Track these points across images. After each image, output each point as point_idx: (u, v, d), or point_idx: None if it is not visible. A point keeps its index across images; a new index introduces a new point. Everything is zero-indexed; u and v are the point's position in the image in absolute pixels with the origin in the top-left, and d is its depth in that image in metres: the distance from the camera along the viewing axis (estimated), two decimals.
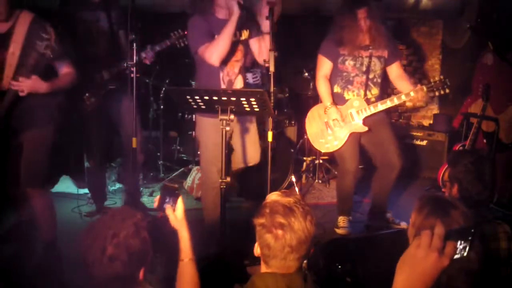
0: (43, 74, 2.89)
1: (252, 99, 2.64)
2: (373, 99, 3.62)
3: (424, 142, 5.39)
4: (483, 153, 2.90)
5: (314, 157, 5.18)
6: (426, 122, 6.16)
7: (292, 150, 4.81)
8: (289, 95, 5.08)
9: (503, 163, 4.46)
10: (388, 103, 3.51)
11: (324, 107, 3.66)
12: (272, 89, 3.14)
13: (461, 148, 4.47)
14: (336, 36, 3.52)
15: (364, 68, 3.56)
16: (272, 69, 3.16)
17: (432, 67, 6.29)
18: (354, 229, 3.86)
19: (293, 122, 5.14)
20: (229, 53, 3.13)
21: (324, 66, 3.62)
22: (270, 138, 3.12)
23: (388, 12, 5.84)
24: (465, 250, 1.06)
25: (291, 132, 5.23)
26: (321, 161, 5.16)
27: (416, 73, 6.26)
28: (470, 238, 1.06)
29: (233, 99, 2.64)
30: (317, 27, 5.81)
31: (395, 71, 3.65)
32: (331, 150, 3.73)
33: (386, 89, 4.75)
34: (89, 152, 4.03)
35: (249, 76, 4.76)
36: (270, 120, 3.11)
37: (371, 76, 3.57)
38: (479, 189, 2.17)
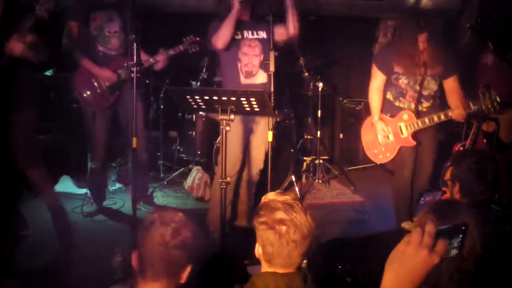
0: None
1: (252, 99, 2.64)
2: (424, 110, 3.59)
3: None
4: (487, 154, 2.89)
5: (314, 157, 5.18)
6: None
7: (292, 150, 4.81)
8: (289, 95, 5.08)
9: (503, 163, 4.45)
10: (435, 119, 3.48)
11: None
12: (272, 89, 3.16)
13: (461, 148, 4.46)
14: (393, 54, 3.51)
15: (417, 87, 3.53)
16: (272, 69, 3.17)
17: None
18: (354, 229, 3.86)
19: (293, 122, 5.14)
20: (246, 47, 3.53)
21: (378, 78, 3.62)
22: (270, 138, 3.13)
23: (388, 12, 5.85)
24: (457, 248, 1.06)
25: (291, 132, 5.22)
26: (321, 161, 5.16)
27: None
28: (461, 235, 1.06)
29: (233, 99, 2.64)
30: (317, 27, 5.82)
31: (448, 85, 3.58)
32: (384, 162, 3.76)
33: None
34: (95, 153, 4.03)
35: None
36: (270, 120, 3.11)
37: (425, 93, 3.56)
38: (481, 189, 2.17)
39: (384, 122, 3.62)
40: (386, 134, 3.60)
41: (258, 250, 1.59)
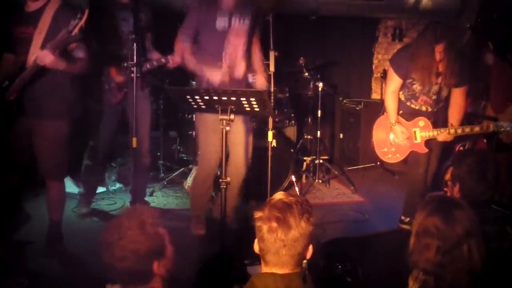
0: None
1: (252, 99, 2.64)
2: (434, 110, 3.61)
3: None
4: (487, 154, 2.90)
5: (314, 157, 5.17)
6: None
7: (292, 150, 4.81)
8: (289, 95, 5.08)
9: (503, 163, 4.46)
10: (451, 132, 3.48)
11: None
12: (272, 89, 3.16)
13: (461, 148, 4.47)
14: (409, 60, 3.47)
15: (431, 95, 3.53)
16: (272, 69, 3.18)
17: None
18: (354, 229, 3.86)
19: (293, 122, 5.14)
20: (233, 36, 3.30)
21: (394, 81, 3.58)
22: (270, 138, 3.13)
23: (388, 12, 5.86)
24: None
25: (291, 132, 5.22)
26: (321, 161, 5.16)
27: None
28: None
29: (233, 99, 2.64)
30: (317, 27, 5.82)
31: (454, 96, 3.57)
32: (392, 162, 3.80)
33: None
34: (93, 150, 4.00)
35: (250, 76, 4.75)
36: (270, 120, 3.12)
37: (438, 99, 3.58)
38: (481, 189, 2.17)
39: (401, 125, 3.60)
40: (405, 137, 3.56)
41: (256, 246, 1.62)
